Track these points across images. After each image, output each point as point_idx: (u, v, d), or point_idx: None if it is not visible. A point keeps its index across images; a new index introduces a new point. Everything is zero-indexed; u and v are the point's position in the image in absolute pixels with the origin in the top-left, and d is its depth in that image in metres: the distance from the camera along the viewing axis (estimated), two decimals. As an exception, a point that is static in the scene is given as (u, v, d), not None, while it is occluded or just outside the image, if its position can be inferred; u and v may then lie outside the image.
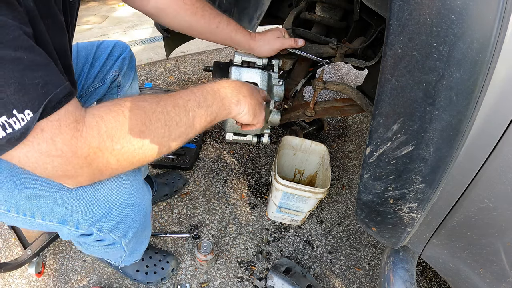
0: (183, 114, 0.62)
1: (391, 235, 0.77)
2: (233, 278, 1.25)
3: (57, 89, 0.49)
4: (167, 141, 0.60)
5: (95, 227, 0.72)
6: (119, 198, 0.70)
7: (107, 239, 0.77)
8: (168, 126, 0.59)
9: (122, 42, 1.14)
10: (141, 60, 2.46)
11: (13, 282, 1.15)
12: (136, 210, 0.75)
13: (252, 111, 0.77)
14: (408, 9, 0.51)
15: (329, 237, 1.46)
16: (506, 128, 0.52)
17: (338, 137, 2.06)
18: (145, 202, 0.78)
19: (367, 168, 0.69)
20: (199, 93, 0.66)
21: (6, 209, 0.70)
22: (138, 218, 0.76)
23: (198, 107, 0.64)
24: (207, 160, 1.72)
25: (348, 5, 1.23)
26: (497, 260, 0.64)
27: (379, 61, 0.94)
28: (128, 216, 0.74)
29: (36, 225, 0.73)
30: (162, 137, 0.59)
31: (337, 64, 2.86)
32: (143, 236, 0.92)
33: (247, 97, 0.76)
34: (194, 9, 0.91)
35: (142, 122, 0.55)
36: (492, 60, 0.48)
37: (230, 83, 0.75)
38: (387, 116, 0.60)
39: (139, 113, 0.55)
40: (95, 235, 0.74)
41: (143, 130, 0.56)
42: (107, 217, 0.71)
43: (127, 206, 0.73)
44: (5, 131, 0.45)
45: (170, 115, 0.60)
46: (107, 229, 0.73)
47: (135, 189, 0.74)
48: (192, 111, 0.63)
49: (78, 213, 0.69)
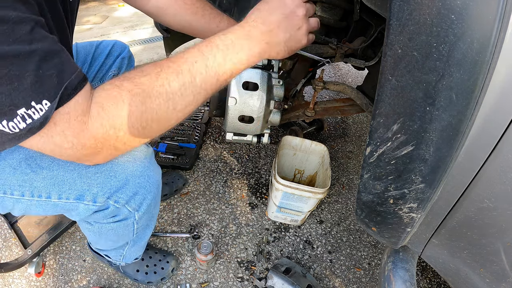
0: (188, 81, 0.56)
1: (391, 235, 0.77)
2: (233, 278, 1.25)
3: (72, 76, 0.51)
4: (173, 114, 0.58)
5: (112, 199, 0.74)
6: (135, 169, 0.73)
7: (122, 213, 0.78)
8: (171, 99, 0.56)
9: (121, 42, 1.15)
10: (141, 60, 2.46)
11: (13, 282, 1.15)
12: (151, 181, 0.77)
13: (287, 48, 0.65)
14: (408, 9, 0.51)
15: (329, 237, 1.46)
16: (506, 128, 0.52)
17: (338, 137, 2.06)
18: (158, 176, 0.81)
19: (367, 168, 0.69)
20: (208, 51, 0.58)
21: (20, 193, 0.72)
22: (152, 189, 0.79)
23: (207, 69, 0.57)
24: (207, 160, 1.72)
25: (348, 5, 1.23)
26: (497, 260, 0.64)
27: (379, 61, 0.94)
28: (143, 188, 0.76)
29: (51, 206, 0.74)
30: (166, 111, 0.57)
31: (337, 64, 2.86)
32: (153, 214, 0.93)
33: (274, 38, 0.62)
34: (195, 9, 0.91)
35: (141, 102, 0.54)
36: (492, 60, 0.48)
37: (244, 30, 0.61)
38: (387, 116, 0.60)
39: (138, 92, 0.54)
40: (111, 208, 0.76)
41: (143, 110, 0.55)
42: (124, 188, 0.73)
43: (143, 177, 0.75)
44: (25, 122, 0.48)
45: (172, 86, 0.55)
46: (124, 200, 0.75)
47: (149, 161, 0.77)
48: (199, 74, 0.57)
49: (96, 186, 0.71)
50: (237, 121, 1.05)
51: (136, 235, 0.92)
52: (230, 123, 1.05)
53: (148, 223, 0.96)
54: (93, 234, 0.91)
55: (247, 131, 1.09)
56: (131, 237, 0.93)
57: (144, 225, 0.92)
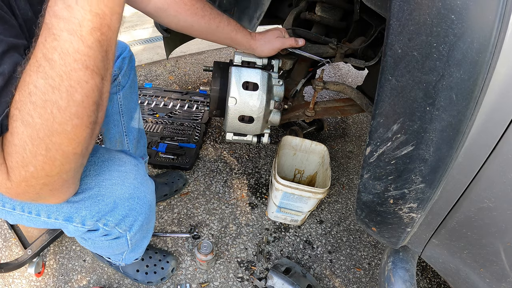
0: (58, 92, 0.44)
1: (391, 235, 0.77)
2: (233, 278, 1.25)
3: None
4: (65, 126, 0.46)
5: (101, 222, 0.72)
6: (124, 192, 0.71)
7: (113, 233, 0.77)
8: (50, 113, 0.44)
9: (122, 41, 1.14)
10: (141, 60, 2.46)
11: (13, 282, 1.15)
12: (141, 203, 0.76)
13: None
14: (408, 9, 0.51)
15: (329, 237, 1.46)
16: (506, 128, 0.52)
17: (338, 137, 2.06)
18: (150, 195, 0.78)
19: (367, 168, 0.69)
20: None
21: (11, 207, 0.71)
22: (143, 211, 0.77)
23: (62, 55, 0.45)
24: (207, 160, 1.72)
25: (348, 5, 1.23)
26: (497, 260, 0.64)
27: (379, 61, 0.94)
28: (133, 210, 0.75)
29: (41, 223, 0.73)
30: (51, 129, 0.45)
31: (337, 64, 2.86)
32: (148, 229, 0.93)
33: None
34: (195, 10, 0.91)
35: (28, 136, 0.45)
36: (492, 60, 0.48)
37: None
38: (387, 116, 0.60)
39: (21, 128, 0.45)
40: (101, 230, 0.75)
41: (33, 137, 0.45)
42: (112, 212, 0.72)
43: (132, 199, 0.73)
44: None
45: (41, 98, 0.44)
46: (113, 223, 0.74)
47: (139, 182, 0.74)
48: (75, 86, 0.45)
49: (83, 210, 0.69)
50: (237, 121, 1.05)
51: (132, 247, 0.92)
52: (230, 123, 1.05)
53: (145, 235, 0.95)
54: (89, 246, 0.92)
55: (247, 131, 1.09)
56: (127, 249, 0.93)
57: (140, 238, 0.91)
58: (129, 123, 1.23)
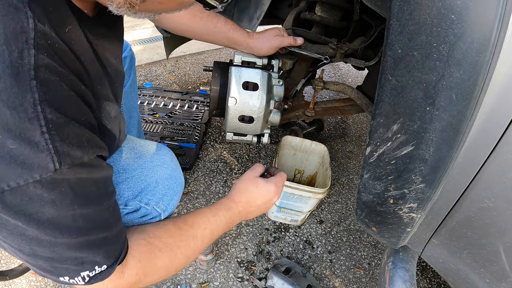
0: (199, 243, 0.70)
1: (391, 235, 0.77)
2: (233, 278, 1.25)
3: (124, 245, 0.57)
4: (185, 264, 0.70)
5: (143, 201, 0.76)
6: (164, 173, 0.79)
7: (152, 213, 0.81)
8: (188, 256, 0.68)
9: (122, 41, 1.14)
10: (141, 60, 2.46)
11: (13, 282, 1.15)
12: (178, 183, 0.83)
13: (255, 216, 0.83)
14: (408, 9, 0.51)
15: (329, 237, 1.46)
16: (506, 128, 0.52)
17: (338, 137, 2.06)
18: (182, 177, 0.86)
19: (367, 168, 0.69)
20: (214, 220, 0.73)
21: None
22: (178, 190, 0.83)
23: (211, 235, 0.72)
24: (207, 160, 1.72)
25: (348, 5, 1.23)
26: (497, 260, 0.64)
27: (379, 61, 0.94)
28: (171, 189, 0.81)
29: None
30: (183, 263, 0.69)
31: (337, 64, 2.86)
32: None
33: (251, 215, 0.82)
34: (193, 12, 0.92)
35: (169, 259, 0.64)
36: (492, 60, 0.48)
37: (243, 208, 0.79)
38: (387, 116, 0.60)
39: (166, 251, 0.64)
40: (142, 210, 0.78)
41: (168, 265, 0.65)
42: (154, 191, 0.77)
43: (171, 179, 0.81)
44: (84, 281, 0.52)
45: (190, 247, 0.68)
46: (154, 202, 0.78)
47: (175, 164, 0.83)
48: (206, 238, 0.72)
49: (126, 191, 0.75)
50: (237, 121, 1.05)
51: None
52: (230, 123, 1.05)
53: None
54: None
55: (247, 131, 1.09)
56: None
57: None
58: (128, 122, 1.23)
